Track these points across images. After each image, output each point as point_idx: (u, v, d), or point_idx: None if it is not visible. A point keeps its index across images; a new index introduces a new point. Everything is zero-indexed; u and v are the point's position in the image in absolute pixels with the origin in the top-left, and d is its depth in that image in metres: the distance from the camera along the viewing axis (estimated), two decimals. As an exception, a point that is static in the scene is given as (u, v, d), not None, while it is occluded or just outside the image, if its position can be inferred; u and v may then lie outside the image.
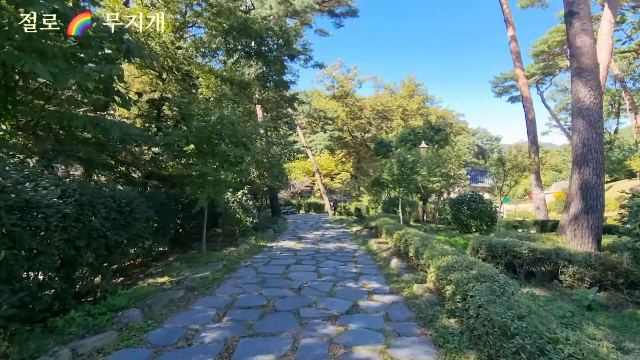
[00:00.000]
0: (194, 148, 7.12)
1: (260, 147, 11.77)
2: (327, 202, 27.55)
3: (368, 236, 11.83)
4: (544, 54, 40.22)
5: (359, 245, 10.37)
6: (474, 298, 3.48)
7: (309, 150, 29.18)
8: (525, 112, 15.90)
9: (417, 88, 47.10)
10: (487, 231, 13.58)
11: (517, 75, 16.26)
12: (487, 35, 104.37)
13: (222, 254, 8.07)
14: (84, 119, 4.87)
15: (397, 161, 11.72)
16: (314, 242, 11.01)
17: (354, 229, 14.86)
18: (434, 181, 12.70)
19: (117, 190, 4.85)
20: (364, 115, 40.48)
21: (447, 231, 14.69)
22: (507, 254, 6.00)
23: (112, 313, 4.09)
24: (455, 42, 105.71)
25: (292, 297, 5.10)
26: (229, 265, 7.19)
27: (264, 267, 7.15)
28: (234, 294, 5.19)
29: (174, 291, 5.17)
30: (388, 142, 32.49)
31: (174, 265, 6.95)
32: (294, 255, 8.57)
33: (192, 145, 7.14)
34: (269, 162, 12.27)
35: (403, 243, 7.37)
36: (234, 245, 9.56)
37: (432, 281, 5.10)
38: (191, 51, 10.81)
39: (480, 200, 13.85)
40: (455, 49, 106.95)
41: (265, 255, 8.70)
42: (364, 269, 7.06)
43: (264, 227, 13.55)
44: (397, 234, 8.22)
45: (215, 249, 8.91)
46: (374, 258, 8.27)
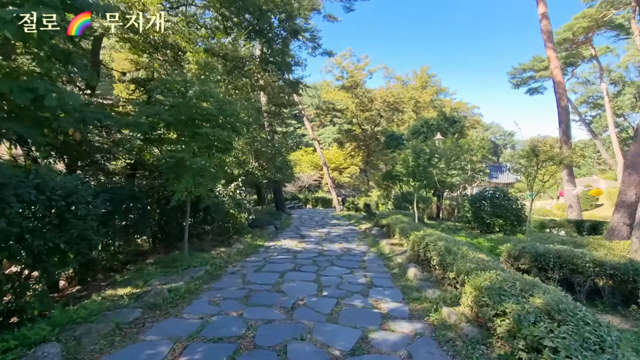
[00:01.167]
0: (171, 130, 5.91)
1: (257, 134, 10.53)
2: (335, 197, 26.26)
3: (379, 236, 10.53)
4: (567, 42, 37.80)
5: (369, 247, 9.08)
6: (557, 356, 2.17)
7: (317, 143, 27.80)
8: (557, 98, 14.22)
9: (430, 79, 45.13)
10: (512, 231, 12.15)
11: (549, 58, 14.58)
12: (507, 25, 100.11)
13: (208, 256, 6.89)
14: (11, 83, 3.68)
15: (412, 152, 10.34)
16: (318, 242, 9.76)
17: (363, 227, 13.58)
18: (452, 174, 11.30)
19: (50, 177, 3.65)
20: (374, 107, 38.87)
21: (466, 230, 13.29)
22: (564, 267, 4.63)
23: (23, 349, 2.91)
24: (472, 30, 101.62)
25: (281, 321, 3.87)
26: (212, 272, 5.99)
27: (254, 275, 5.93)
28: (206, 315, 3.98)
29: (129, 310, 3.99)
30: (399, 134, 30.97)
31: (146, 271, 5.79)
32: (293, 259, 7.34)
33: (169, 126, 5.91)
34: (270, 152, 11.00)
35: (423, 248, 6.06)
36: (226, 244, 8.38)
37: (468, 305, 3.80)
38: (182, 26, 9.56)
39: (504, 197, 12.38)
40: (472, 38, 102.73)
41: (260, 257, 7.49)
42: (375, 279, 5.78)
43: (264, 224, 12.37)
44: (414, 236, 6.91)
45: (203, 249, 7.74)
46: (387, 264, 6.98)
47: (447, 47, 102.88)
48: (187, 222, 6.64)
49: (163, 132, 5.95)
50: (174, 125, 5.77)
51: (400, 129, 36.00)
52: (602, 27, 33.43)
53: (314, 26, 28.06)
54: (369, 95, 38.81)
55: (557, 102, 14.32)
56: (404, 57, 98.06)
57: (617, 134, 36.85)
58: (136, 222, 6.53)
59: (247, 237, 9.46)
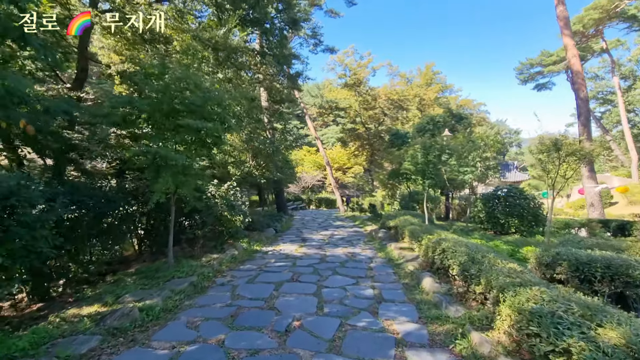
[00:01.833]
0: (150, 123, 5.18)
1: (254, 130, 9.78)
2: (339, 198, 25.50)
3: (386, 238, 9.75)
4: (577, 36, 36.71)
5: (376, 251, 8.30)
6: None
7: (319, 142, 27.06)
8: (576, 89, 13.29)
9: (434, 76, 44.30)
10: (530, 232, 11.28)
11: (566, 46, 13.69)
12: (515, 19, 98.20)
13: (197, 265, 6.17)
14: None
15: (421, 147, 9.55)
16: (320, 246, 9.00)
17: (368, 228, 12.80)
18: (464, 172, 10.49)
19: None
20: (378, 105, 38.08)
21: (479, 231, 12.45)
22: (615, 279, 3.82)
23: None
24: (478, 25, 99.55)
25: (271, 351, 3.11)
26: (198, 283, 5.25)
27: (246, 287, 5.18)
28: (179, 344, 3.25)
29: (86, 337, 3.26)
30: (404, 133, 30.16)
31: (122, 284, 5.09)
32: (292, 267, 6.59)
33: (150, 119, 5.19)
34: (268, 149, 10.25)
35: (439, 254, 5.28)
36: (219, 250, 7.66)
37: (505, 331, 3.03)
38: (171, 15, 8.87)
39: (520, 195, 11.52)
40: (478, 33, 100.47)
41: (255, 265, 6.75)
42: (384, 291, 5.01)
43: (263, 226, 11.65)
44: (427, 240, 6.14)
45: (193, 256, 7.03)
46: (397, 272, 6.20)
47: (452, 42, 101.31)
48: (171, 227, 5.92)
49: (142, 125, 5.23)
50: (152, 117, 5.05)
51: (405, 127, 35.17)
52: (614, 19, 32.34)
53: (315, 22, 27.30)
54: (372, 93, 38.02)
55: (575, 93, 13.39)
56: (408, 53, 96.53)
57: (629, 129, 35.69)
58: (114, 228, 5.82)
59: (243, 241, 8.73)
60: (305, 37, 25.80)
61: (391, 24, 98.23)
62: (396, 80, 42.67)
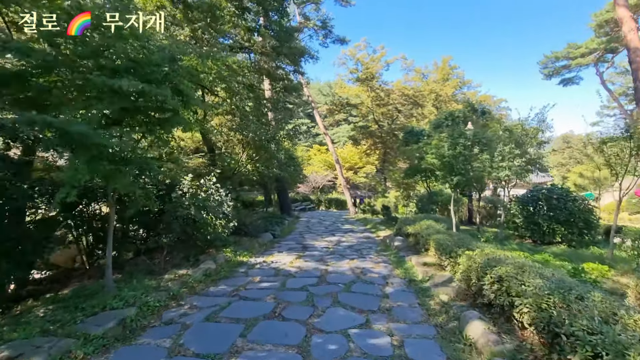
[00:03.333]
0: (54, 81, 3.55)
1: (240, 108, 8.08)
2: (349, 198, 23.69)
3: (403, 249, 7.95)
4: (608, 25, 33.86)
5: (392, 267, 6.51)
6: None
7: (328, 138, 25.27)
8: (634, 70, 11.05)
9: (452, 71, 41.96)
10: (580, 242, 9.27)
11: (621, 19, 11.54)
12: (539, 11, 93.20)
13: (150, 286, 4.55)
14: None
15: (449, 136, 7.70)
16: (322, 258, 7.27)
17: (382, 234, 10.99)
18: (501, 167, 8.57)
19: None
20: (392, 100, 36.11)
21: (513, 239, 10.49)
22: None
23: None
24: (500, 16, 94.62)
25: None
26: (134, 321, 3.59)
27: (199, 331, 3.49)
28: None
29: None
30: (419, 130, 28.13)
31: (24, 319, 3.48)
32: (279, 290, 4.88)
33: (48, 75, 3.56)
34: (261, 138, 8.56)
35: (492, 284, 3.48)
36: (192, 263, 6.03)
37: None
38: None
39: (567, 197, 9.53)
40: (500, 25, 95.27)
41: (231, 286, 5.07)
42: (409, 341, 3.24)
43: (259, 231, 10.00)
44: (467, 259, 4.35)
45: (153, 272, 5.42)
46: (424, 302, 4.39)
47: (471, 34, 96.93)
48: (110, 236, 4.29)
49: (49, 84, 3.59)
50: (64, 75, 3.44)
51: (420, 124, 33.09)
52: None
53: (325, 14, 25.56)
54: (385, 88, 36.04)
55: (633, 74, 11.21)
56: (423, 46, 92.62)
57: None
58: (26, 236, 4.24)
59: (227, 250, 7.08)
60: (315, 29, 24.21)
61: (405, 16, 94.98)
62: (411, 76, 40.54)
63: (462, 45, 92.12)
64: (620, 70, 45.68)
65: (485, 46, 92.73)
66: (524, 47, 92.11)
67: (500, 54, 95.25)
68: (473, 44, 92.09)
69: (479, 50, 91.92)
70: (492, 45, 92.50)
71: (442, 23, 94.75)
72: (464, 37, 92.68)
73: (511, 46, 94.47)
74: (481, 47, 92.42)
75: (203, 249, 6.79)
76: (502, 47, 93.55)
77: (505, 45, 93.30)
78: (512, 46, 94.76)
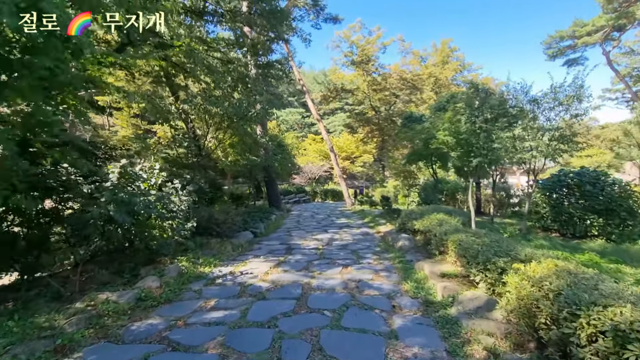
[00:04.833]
0: None
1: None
2: (345, 189, 22.05)
3: (410, 249, 6.38)
4: (616, 1, 32.14)
5: (398, 277, 4.90)
6: None
7: (321, 124, 23.46)
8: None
9: (452, 54, 40.05)
10: (621, 235, 7.72)
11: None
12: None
13: (19, 334, 2.94)
14: None
15: (467, 106, 6.02)
16: (307, 265, 5.67)
17: (382, 229, 9.40)
18: (528, 147, 6.94)
19: None
20: (389, 85, 34.26)
21: (536, 232, 8.95)
22: None
23: None
24: None
25: None
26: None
27: None
28: None
29: None
30: (419, 115, 26.47)
31: None
32: (235, 325, 3.28)
33: None
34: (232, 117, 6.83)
35: (592, 337, 1.88)
36: (128, 280, 4.42)
37: None
38: None
39: (604, 182, 7.94)
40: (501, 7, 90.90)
41: (168, 319, 3.47)
42: None
43: (234, 230, 8.37)
44: (518, 279, 2.74)
45: (60, 298, 3.80)
46: (455, 351, 2.79)
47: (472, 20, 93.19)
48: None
49: None
50: None
51: (419, 109, 31.35)
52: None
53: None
54: (382, 72, 34.14)
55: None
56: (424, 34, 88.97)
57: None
58: None
59: (183, 259, 5.44)
60: (306, 8, 22.24)
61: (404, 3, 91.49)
62: (408, 59, 38.57)
63: (463, 31, 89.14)
64: (625, 51, 43.76)
65: (486, 30, 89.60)
66: (527, 30, 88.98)
67: (502, 37, 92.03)
68: (474, 28, 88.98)
69: (481, 33, 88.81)
70: (493, 28, 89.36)
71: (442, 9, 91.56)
72: (465, 23, 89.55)
73: (514, 29, 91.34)
74: (482, 30, 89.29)
75: (152, 258, 5.18)
76: (504, 30, 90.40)
77: (507, 28, 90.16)
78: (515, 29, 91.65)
